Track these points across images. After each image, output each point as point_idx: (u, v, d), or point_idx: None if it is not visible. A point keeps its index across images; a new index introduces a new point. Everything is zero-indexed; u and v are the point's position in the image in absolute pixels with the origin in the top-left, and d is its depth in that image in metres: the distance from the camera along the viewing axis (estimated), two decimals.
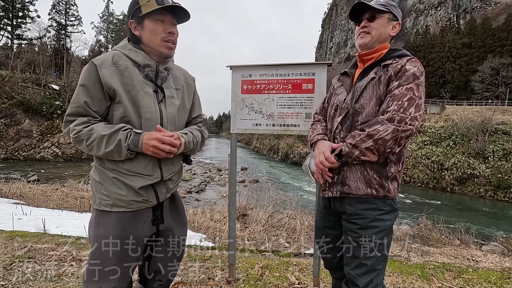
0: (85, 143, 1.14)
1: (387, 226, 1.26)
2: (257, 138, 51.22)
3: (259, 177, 21.59)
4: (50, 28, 47.68)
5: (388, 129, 1.15)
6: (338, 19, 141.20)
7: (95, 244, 1.21)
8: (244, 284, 2.25)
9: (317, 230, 1.54)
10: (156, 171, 1.25)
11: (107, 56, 1.21)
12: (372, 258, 1.23)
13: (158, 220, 1.31)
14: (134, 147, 1.15)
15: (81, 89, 1.16)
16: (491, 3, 75.42)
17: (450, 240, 5.64)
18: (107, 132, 1.13)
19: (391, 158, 1.25)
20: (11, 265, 2.49)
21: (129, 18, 1.25)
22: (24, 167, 20.13)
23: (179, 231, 1.43)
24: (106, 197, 1.19)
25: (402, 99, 1.17)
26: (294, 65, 2.07)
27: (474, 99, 40.81)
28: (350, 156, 1.23)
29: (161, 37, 1.24)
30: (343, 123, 1.33)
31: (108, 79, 1.15)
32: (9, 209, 4.90)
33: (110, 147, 1.12)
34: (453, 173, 20.86)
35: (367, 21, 1.35)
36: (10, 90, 26.37)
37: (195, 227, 5.38)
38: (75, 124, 1.16)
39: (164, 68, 1.31)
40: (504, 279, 2.39)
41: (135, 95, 1.19)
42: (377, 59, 1.35)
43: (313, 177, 1.41)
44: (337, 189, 1.32)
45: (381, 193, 1.25)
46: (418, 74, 1.22)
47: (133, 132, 1.15)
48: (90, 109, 1.16)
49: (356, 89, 1.32)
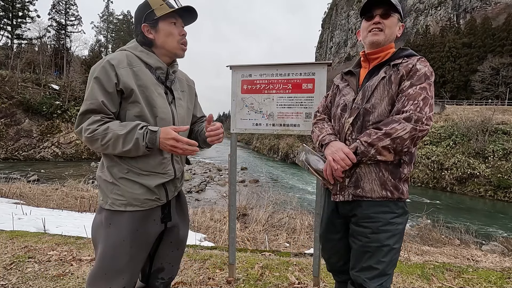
0: (100, 142, 1.13)
1: (399, 230, 1.23)
2: (257, 138, 51.24)
3: (259, 177, 21.60)
4: (50, 28, 47.73)
5: (406, 128, 1.12)
6: (338, 19, 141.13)
7: (106, 245, 1.20)
8: (244, 284, 2.25)
9: (321, 234, 1.49)
10: (170, 169, 1.29)
11: (121, 56, 1.21)
12: (384, 263, 1.19)
13: (167, 217, 1.33)
14: (151, 145, 1.15)
15: (96, 87, 1.15)
16: (491, 3, 75.42)
17: (450, 240, 5.65)
18: (124, 132, 1.12)
19: (404, 159, 1.22)
20: (11, 265, 2.49)
21: (141, 23, 1.26)
22: (24, 167, 20.13)
23: (183, 228, 1.45)
24: (120, 196, 1.19)
25: (417, 98, 1.15)
26: (294, 65, 2.07)
27: (474, 99, 40.86)
28: (365, 155, 1.18)
29: (177, 40, 1.28)
30: (354, 124, 1.28)
31: (126, 79, 1.17)
32: (9, 209, 4.91)
33: (127, 146, 1.12)
34: (453, 173, 20.88)
35: (380, 17, 1.29)
36: (10, 90, 26.36)
37: (195, 227, 5.38)
38: (89, 123, 1.14)
39: (172, 71, 1.35)
40: (504, 279, 2.39)
41: (149, 95, 1.22)
42: (383, 58, 1.32)
43: (318, 175, 1.33)
44: (349, 192, 1.26)
45: (395, 195, 1.21)
46: (428, 74, 1.21)
47: (149, 130, 1.15)
48: (106, 108, 1.16)
49: (366, 89, 1.28)
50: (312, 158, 1.34)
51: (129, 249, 1.20)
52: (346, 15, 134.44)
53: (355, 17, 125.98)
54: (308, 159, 1.35)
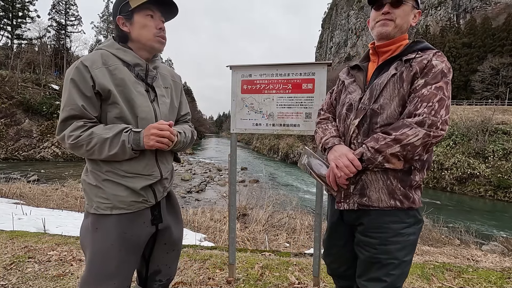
0: (85, 148, 1.10)
1: (410, 241, 1.12)
2: (257, 138, 51.23)
3: (259, 177, 21.59)
4: (50, 28, 47.72)
5: (418, 134, 1.01)
6: (338, 19, 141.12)
7: (94, 250, 1.17)
8: (244, 284, 2.25)
9: (325, 240, 1.42)
10: (155, 170, 1.25)
11: (95, 56, 1.16)
12: (393, 276, 1.10)
13: (157, 219, 1.30)
14: (136, 146, 1.13)
15: (74, 91, 1.10)
16: (491, 3, 75.42)
17: (450, 240, 5.65)
18: (109, 135, 1.09)
19: (416, 165, 1.11)
20: (11, 265, 2.49)
21: (117, 15, 1.22)
22: (24, 167, 20.12)
23: (176, 228, 1.42)
24: (105, 200, 1.16)
25: (432, 100, 1.03)
26: (294, 65, 2.07)
27: (474, 98, 40.86)
28: (371, 162, 1.08)
29: (153, 33, 1.22)
30: (360, 126, 1.17)
31: (102, 80, 1.11)
32: (9, 209, 4.91)
33: (114, 150, 1.09)
34: (453, 173, 20.87)
35: (391, 6, 1.16)
36: (10, 90, 26.36)
37: (195, 227, 5.38)
38: (71, 129, 1.10)
39: (153, 67, 1.29)
40: (504, 279, 2.39)
41: (128, 95, 1.17)
42: (394, 52, 1.19)
43: (321, 180, 1.25)
44: (354, 200, 1.16)
45: (405, 205, 1.11)
46: (446, 71, 1.08)
47: (133, 132, 1.13)
48: (88, 112, 1.12)
49: (374, 87, 1.15)
50: (315, 162, 1.26)
51: (118, 253, 1.17)
52: (346, 15, 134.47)
53: (355, 17, 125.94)
54: (310, 163, 1.27)
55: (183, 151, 1.49)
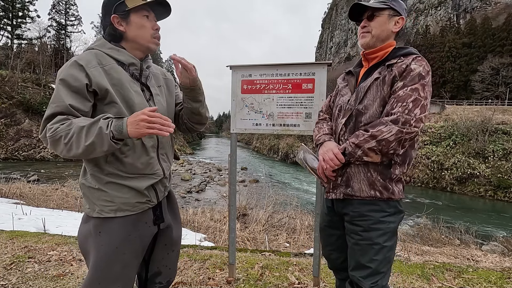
0: (63, 140, 1.01)
1: (390, 228, 1.24)
2: (257, 138, 51.23)
3: (259, 177, 21.59)
4: (50, 28, 47.78)
5: (392, 130, 1.14)
6: (338, 19, 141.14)
7: (98, 254, 1.14)
8: (244, 284, 2.25)
9: (321, 231, 1.53)
10: (158, 168, 1.24)
11: (90, 56, 1.13)
12: (376, 261, 1.21)
13: (159, 219, 1.30)
14: (118, 134, 1.01)
15: (63, 89, 1.06)
16: (491, 3, 75.42)
17: (450, 240, 5.64)
18: (86, 123, 1.01)
19: (396, 160, 1.23)
20: (11, 265, 2.49)
21: (111, 14, 1.18)
22: (24, 167, 20.13)
23: (176, 228, 1.42)
24: (109, 202, 1.14)
25: (406, 100, 1.15)
26: (294, 65, 2.07)
27: (474, 99, 40.85)
28: (352, 156, 1.22)
29: (150, 34, 1.22)
30: (347, 125, 1.31)
31: (99, 79, 1.09)
32: (9, 209, 4.90)
33: (90, 138, 0.99)
34: (453, 173, 20.87)
35: (367, 20, 1.32)
36: (10, 90, 26.38)
37: (195, 227, 5.38)
38: (52, 122, 1.04)
39: (146, 67, 1.29)
40: (504, 279, 2.39)
41: (126, 94, 1.15)
42: (381, 58, 1.32)
43: (314, 173, 1.40)
44: (341, 190, 1.31)
45: (385, 195, 1.23)
46: (423, 73, 1.18)
47: (115, 118, 1.05)
48: (74, 111, 1.06)
49: (360, 90, 1.29)
50: (309, 157, 1.43)
51: (123, 256, 1.16)
52: (346, 15, 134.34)
53: None
54: (305, 158, 1.44)
55: (201, 123, 1.46)
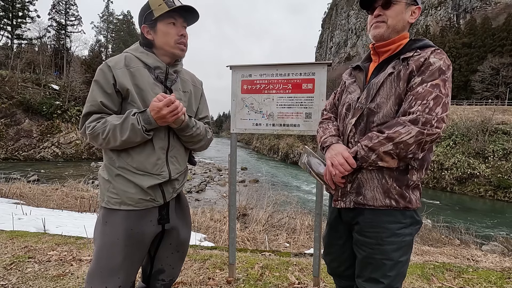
0: (101, 136, 1.16)
1: (406, 242, 1.12)
2: (257, 138, 51.24)
3: (259, 177, 21.60)
4: (50, 28, 47.81)
5: (411, 132, 1.00)
6: (338, 19, 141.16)
7: (102, 243, 1.22)
8: (244, 284, 2.25)
9: (324, 238, 1.43)
10: (165, 170, 1.27)
11: (120, 58, 1.25)
12: (389, 277, 1.10)
13: (164, 219, 1.32)
14: (149, 125, 1.16)
15: (96, 89, 1.20)
16: (491, 3, 75.44)
17: (450, 240, 5.64)
18: (119, 122, 1.15)
19: (413, 165, 1.09)
20: (11, 265, 2.49)
21: (142, 23, 1.29)
22: (24, 167, 20.14)
23: (183, 231, 1.44)
24: (115, 195, 1.21)
25: (427, 97, 1.02)
26: (294, 65, 2.07)
27: (474, 99, 40.83)
28: (365, 160, 1.08)
29: (174, 40, 1.28)
30: (357, 125, 1.17)
31: (122, 79, 1.19)
32: (9, 209, 4.90)
33: (125, 134, 1.14)
34: (453, 173, 20.88)
35: (382, 8, 1.16)
36: (10, 90, 26.38)
37: (195, 227, 5.38)
38: (90, 121, 1.19)
39: (173, 71, 1.33)
40: (504, 279, 2.39)
41: (145, 96, 1.23)
42: (394, 51, 1.18)
43: (319, 179, 1.26)
44: (351, 199, 1.17)
45: (401, 204, 1.10)
46: (444, 68, 1.05)
47: (140, 113, 1.17)
48: (105, 107, 1.20)
49: (371, 86, 1.15)
50: (314, 161, 1.28)
51: (124, 248, 1.21)
52: (346, 15, 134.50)
53: (355, 17, 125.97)
54: (309, 162, 1.30)
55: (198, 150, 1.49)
